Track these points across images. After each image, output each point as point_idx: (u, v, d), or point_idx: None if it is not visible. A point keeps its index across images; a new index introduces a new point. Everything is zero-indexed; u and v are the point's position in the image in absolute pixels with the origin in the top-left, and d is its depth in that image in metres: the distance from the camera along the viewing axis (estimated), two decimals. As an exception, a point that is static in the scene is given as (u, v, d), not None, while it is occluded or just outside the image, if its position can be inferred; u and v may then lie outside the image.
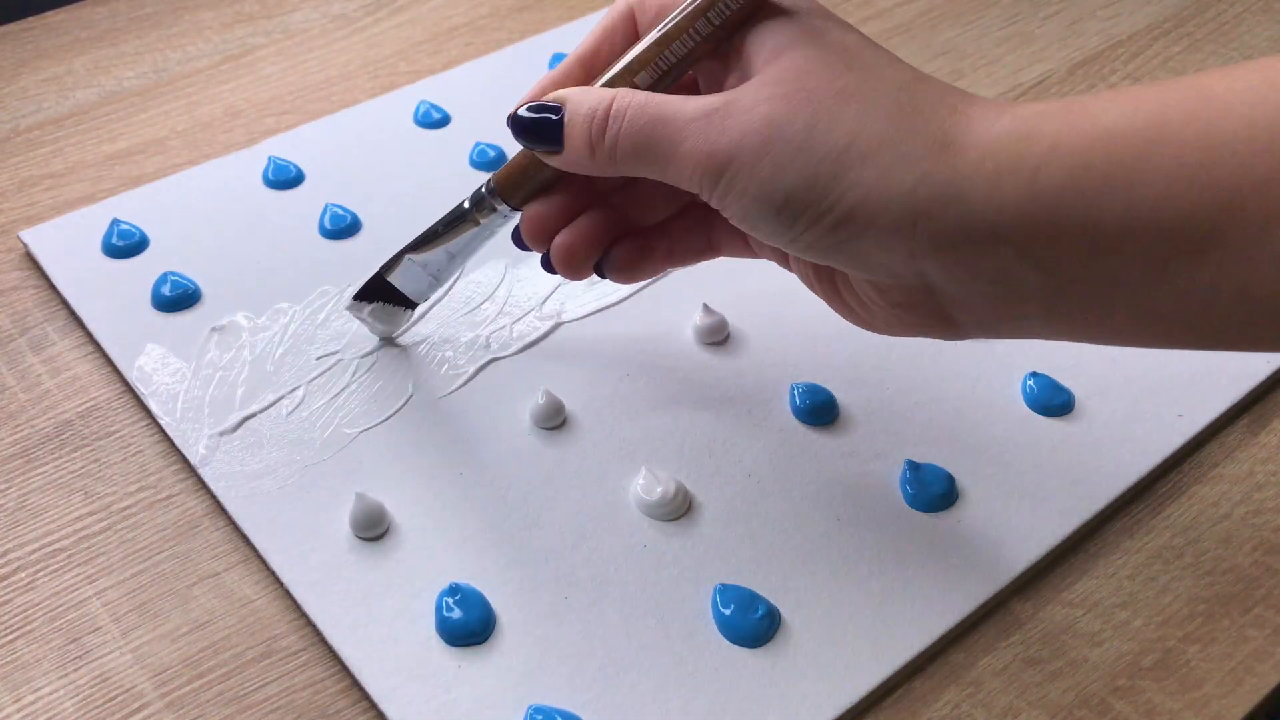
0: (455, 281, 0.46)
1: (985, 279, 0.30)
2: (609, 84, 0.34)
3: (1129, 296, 0.29)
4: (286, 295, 0.46)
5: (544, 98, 0.35)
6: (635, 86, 0.34)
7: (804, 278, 0.36)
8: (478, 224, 0.39)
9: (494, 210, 0.38)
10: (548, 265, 0.38)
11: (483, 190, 0.38)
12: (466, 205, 0.39)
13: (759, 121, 0.31)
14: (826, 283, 0.35)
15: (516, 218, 0.38)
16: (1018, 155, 0.29)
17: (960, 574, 0.37)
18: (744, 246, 0.38)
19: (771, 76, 0.31)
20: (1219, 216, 0.27)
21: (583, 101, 0.34)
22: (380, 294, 0.43)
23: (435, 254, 0.41)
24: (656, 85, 0.34)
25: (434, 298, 0.45)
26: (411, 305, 0.43)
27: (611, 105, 0.33)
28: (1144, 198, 0.27)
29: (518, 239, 0.38)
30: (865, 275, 0.32)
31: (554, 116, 0.34)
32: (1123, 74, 0.60)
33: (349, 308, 0.44)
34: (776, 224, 0.31)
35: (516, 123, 0.35)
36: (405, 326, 0.44)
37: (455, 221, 0.40)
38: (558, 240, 0.37)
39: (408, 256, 0.42)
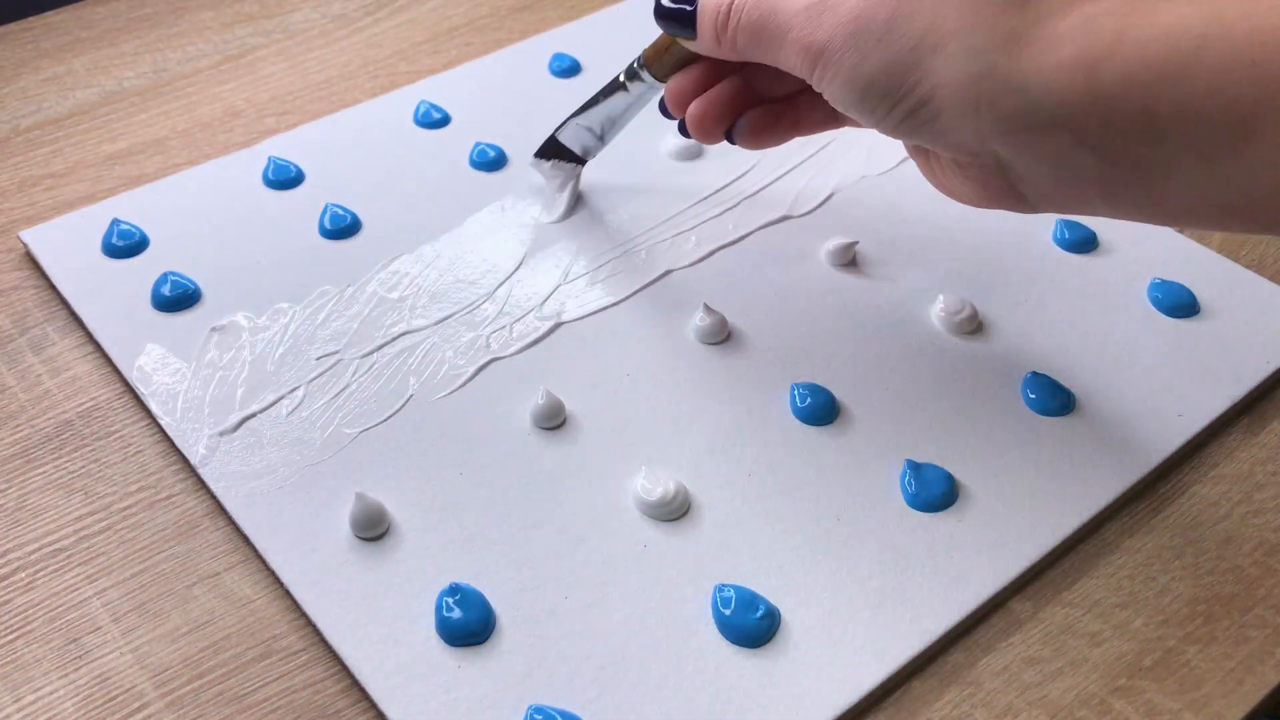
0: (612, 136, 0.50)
1: (1048, 161, 0.33)
2: None
3: (1180, 182, 0.31)
4: (286, 295, 0.46)
5: None
6: None
7: (906, 148, 0.40)
8: (628, 91, 0.46)
9: (641, 80, 0.45)
10: (683, 130, 0.43)
11: (634, 64, 0.45)
12: (621, 77, 0.46)
13: (848, 15, 0.34)
14: (921, 156, 0.38)
15: (660, 88, 0.44)
16: (1079, 50, 0.31)
17: (960, 574, 0.37)
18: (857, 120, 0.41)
19: None
20: (1259, 109, 0.29)
21: None
22: (555, 152, 0.50)
23: (598, 117, 0.48)
24: None
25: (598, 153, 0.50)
26: (581, 161, 0.50)
27: (733, 1, 0.37)
28: (1193, 91, 0.29)
29: (663, 108, 0.44)
30: (946, 152, 0.36)
31: (689, 8, 0.39)
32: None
33: (532, 164, 0.51)
34: (862, 107, 0.35)
35: (659, 11, 0.41)
36: (566, 204, 0.50)
37: (610, 90, 0.47)
38: (692, 108, 0.42)
39: (574, 120, 0.49)
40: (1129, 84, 0.30)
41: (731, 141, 0.43)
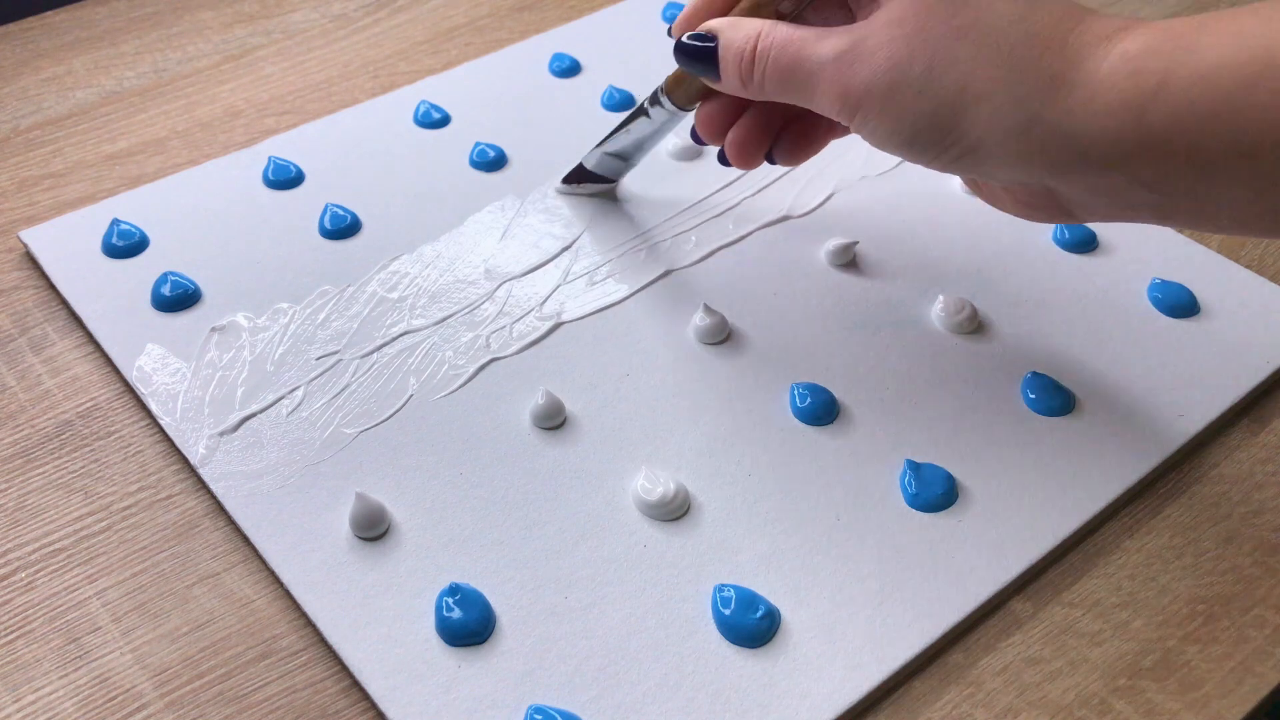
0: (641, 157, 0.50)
1: (1100, 194, 0.33)
2: (753, 9, 0.39)
3: (1233, 208, 0.32)
4: (286, 295, 0.46)
5: (699, 28, 0.39)
6: (779, 11, 0.39)
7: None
8: (650, 117, 0.45)
9: (663, 107, 0.44)
10: (723, 159, 0.43)
11: (657, 91, 0.44)
12: (645, 104, 0.45)
13: (883, 65, 0.34)
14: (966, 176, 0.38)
15: (683, 116, 0.44)
16: (1125, 94, 0.31)
17: (960, 574, 0.37)
18: None
19: (895, 14, 0.34)
20: None
21: (732, 40, 0.38)
22: (583, 178, 0.51)
23: (623, 144, 0.48)
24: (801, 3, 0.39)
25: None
26: (610, 182, 0.51)
27: (756, 45, 0.37)
28: (1245, 129, 0.30)
29: (695, 136, 0.43)
30: (994, 183, 0.36)
31: (710, 45, 0.39)
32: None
33: (559, 190, 0.51)
34: (909, 153, 0.35)
35: (678, 48, 0.40)
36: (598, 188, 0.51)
37: (636, 116, 0.46)
38: (730, 136, 0.42)
39: (600, 149, 0.49)
40: (1178, 124, 0.30)
41: (772, 162, 0.42)
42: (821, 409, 0.42)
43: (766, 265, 0.48)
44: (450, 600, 0.36)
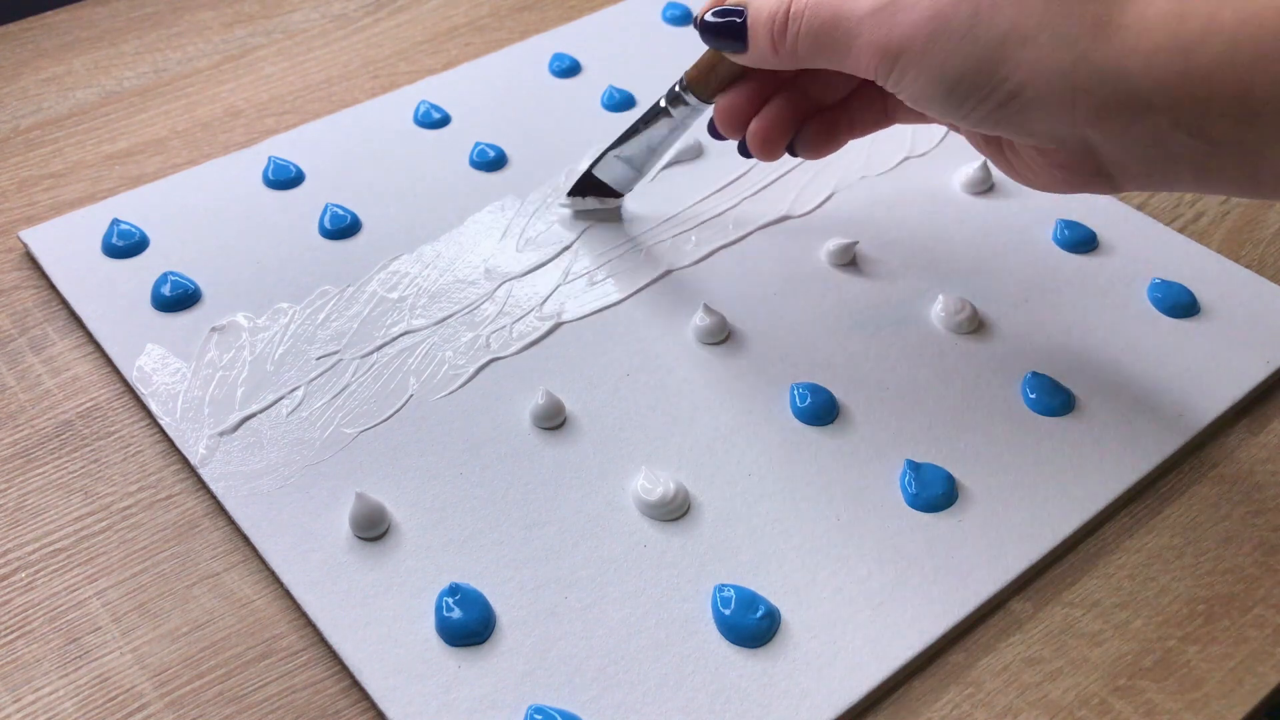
0: (657, 172, 0.51)
1: (1141, 143, 0.33)
2: None
3: (1274, 158, 0.31)
4: (286, 295, 0.46)
5: (726, 2, 0.39)
6: None
7: (972, 141, 0.39)
8: (671, 116, 0.44)
9: (685, 104, 0.43)
10: (744, 151, 0.42)
11: (676, 87, 0.43)
12: (662, 103, 0.44)
13: (926, 14, 0.34)
14: (993, 147, 0.38)
15: (705, 110, 0.43)
16: (1172, 35, 0.31)
17: (960, 574, 0.37)
18: (917, 115, 0.41)
19: None
20: None
21: (763, 6, 0.37)
22: (590, 189, 0.49)
23: (636, 148, 0.46)
24: None
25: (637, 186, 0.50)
26: (618, 195, 0.49)
27: (790, 6, 0.37)
28: None
29: (713, 130, 0.43)
30: (1031, 142, 0.35)
31: (738, 20, 0.38)
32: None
33: (564, 204, 0.50)
34: (946, 105, 0.35)
35: (704, 26, 0.39)
36: (604, 207, 0.50)
37: (652, 117, 0.45)
38: (752, 127, 0.41)
39: (611, 153, 0.47)
40: (1225, 66, 0.30)
41: (793, 154, 0.42)
42: (821, 409, 0.42)
43: (766, 265, 0.48)
44: (450, 600, 0.36)
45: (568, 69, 0.58)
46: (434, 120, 0.55)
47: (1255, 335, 0.45)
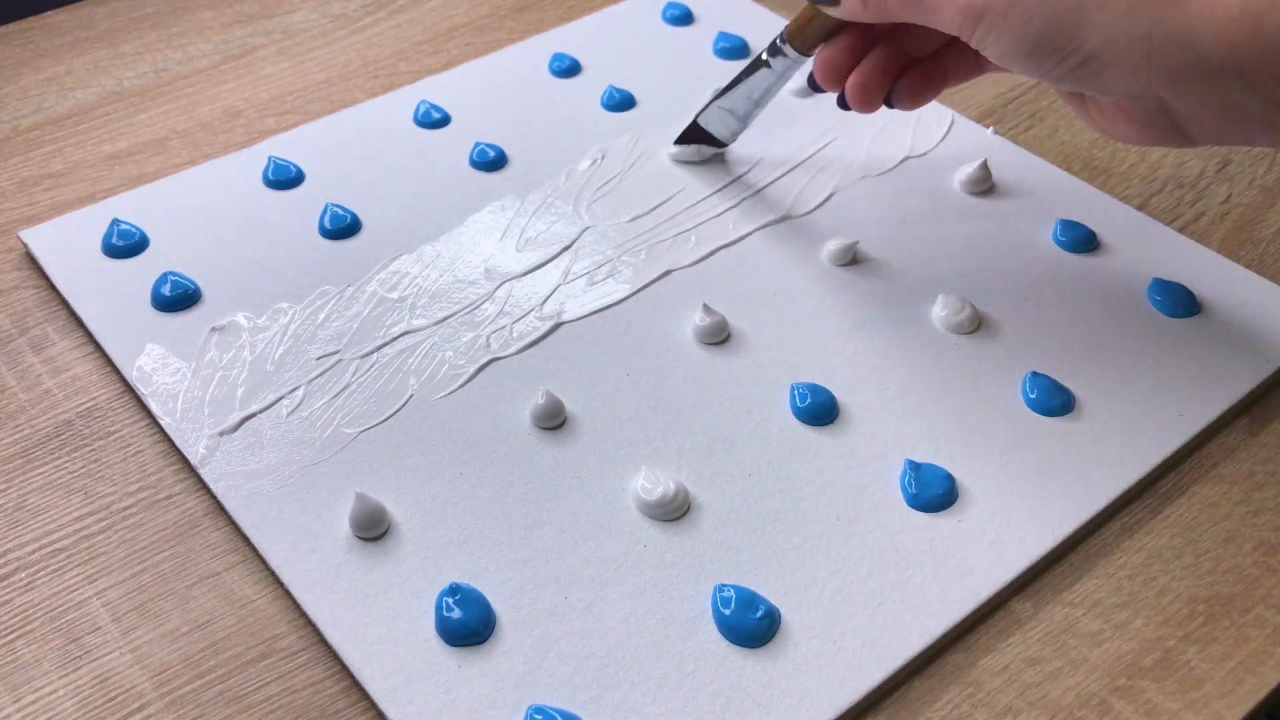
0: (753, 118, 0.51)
1: (1214, 104, 0.34)
2: None
3: None
4: (286, 295, 0.46)
5: None
6: None
7: (1059, 94, 0.41)
8: (770, 68, 0.46)
9: (785, 56, 0.46)
10: (842, 103, 0.44)
11: (776, 40, 0.46)
12: (763, 55, 0.46)
13: None
14: (1076, 100, 0.40)
15: (804, 63, 0.46)
16: (1243, 2, 0.32)
17: (960, 574, 0.37)
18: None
19: None
20: None
21: None
22: (696, 138, 0.51)
23: (737, 99, 0.49)
24: None
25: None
26: (722, 145, 0.51)
27: None
28: None
29: (812, 82, 0.44)
30: (1109, 98, 0.37)
31: None
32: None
33: (671, 153, 0.52)
34: (1027, 64, 0.37)
35: None
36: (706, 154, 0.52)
37: (753, 69, 0.47)
38: (851, 80, 0.43)
39: (715, 104, 0.50)
40: None
41: (890, 106, 0.44)
42: (821, 409, 0.42)
43: (766, 265, 0.48)
44: (450, 600, 0.36)
45: (568, 69, 0.58)
46: (434, 120, 0.55)
47: (1255, 335, 0.45)
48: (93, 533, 0.39)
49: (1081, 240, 0.48)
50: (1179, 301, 0.46)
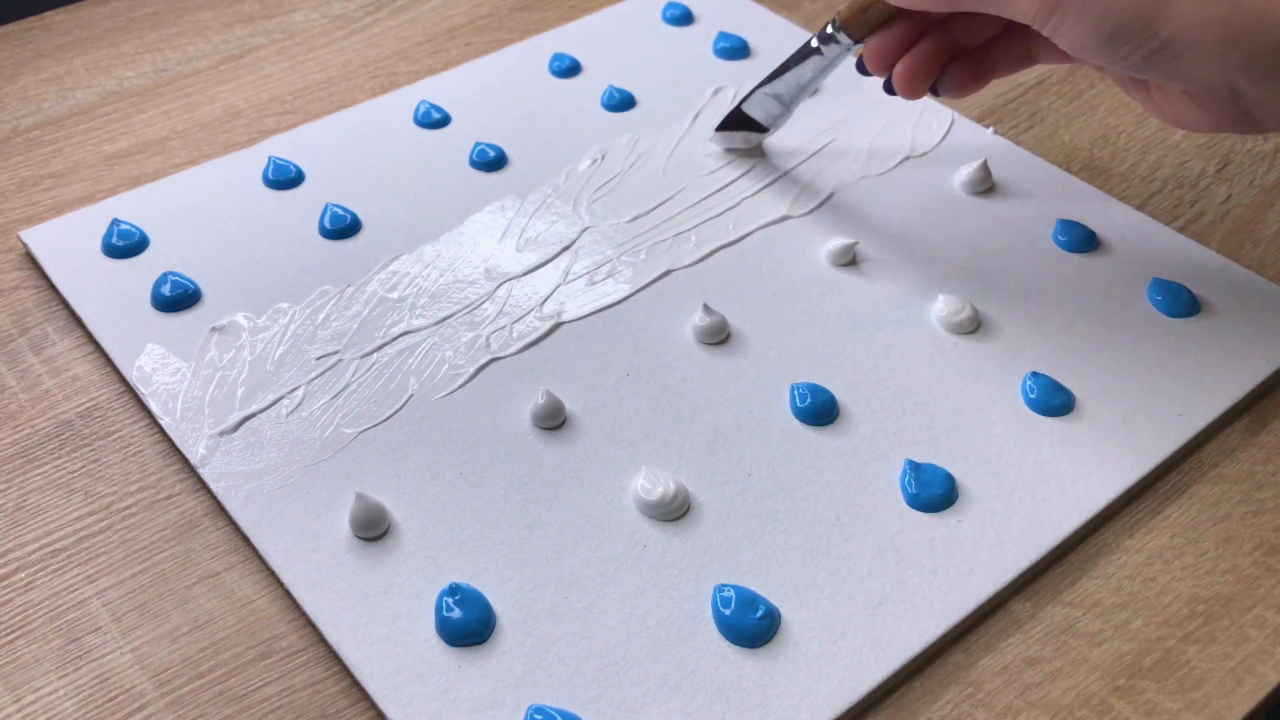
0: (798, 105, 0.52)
1: None
2: None
3: None
4: (286, 295, 0.46)
5: None
6: None
7: (1118, 82, 0.41)
8: (822, 55, 0.47)
9: (837, 43, 0.46)
10: (889, 89, 0.45)
11: (828, 28, 0.46)
12: (814, 43, 0.47)
13: None
14: (1139, 87, 0.40)
15: (854, 49, 0.46)
16: None
17: (960, 574, 0.37)
18: (1061, 55, 0.43)
19: None
20: None
21: None
22: (739, 124, 0.51)
23: (785, 85, 0.49)
24: None
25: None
26: (764, 130, 0.51)
27: None
28: None
29: (861, 67, 0.45)
30: (1180, 86, 0.37)
31: None
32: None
33: (713, 138, 0.53)
34: (1103, 51, 0.37)
35: None
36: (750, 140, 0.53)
37: (802, 56, 0.48)
38: (899, 67, 0.44)
39: (761, 90, 0.50)
40: None
41: (935, 94, 0.44)
42: (821, 409, 0.42)
43: (766, 265, 0.48)
44: (450, 600, 0.36)
45: (568, 69, 0.58)
46: (434, 120, 0.55)
47: (1255, 335, 0.45)
48: (93, 533, 0.39)
49: (1081, 240, 0.48)
50: (1179, 301, 0.46)
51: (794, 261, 0.48)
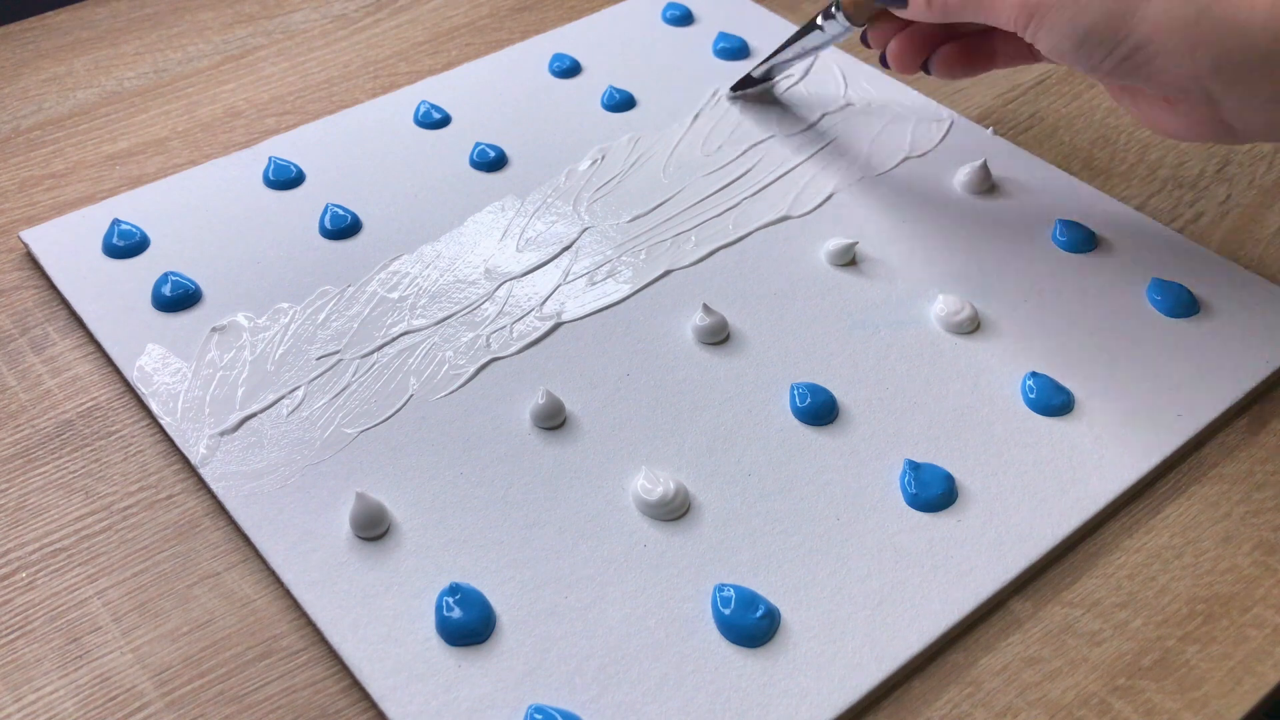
0: (808, 70, 0.58)
1: (1260, 97, 0.36)
2: None
3: None
4: (286, 295, 0.46)
5: None
6: None
7: (1109, 89, 0.42)
8: (823, 31, 0.50)
9: (836, 21, 0.49)
10: (884, 62, 0.47)
11: (831, 8, 0.49)
12: (818, 20, 0.50)
13: None
14: (1127, 94, 0.41)
15: (852, 31, 0.48)
16: None
17: (960, 574, 0.37)
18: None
19: None
20: None
21: None
22: (749, 85, 0.56)
23: (789, 54, 0.53)
24: None
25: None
26: (770, 80, 0.56)
27: None
28: None
29: (865, 40, 0.48)
30: (1157, 91, 0.38)
31: None
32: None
33: (729, 97, 0.57)
34: (1078, 55, 0.38)
35: None
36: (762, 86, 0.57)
37: (806, 30, 0.51)
38: (893, 44, 0.46)
39: (767, 63, 0.54)
40: None
41: (928, 73, 0.46)
42: (821, 409, 0.42)
43: (766, 265, 0.48)
44: (450, 600, 0.36)
45: (568, 69, 0.58)
46: (434, 120, 0.55)
47: (1255, 335, 0.45)
48: (93, 533, 0.39)
49: (1081, 240, 0.48)
50: (1178, 301, 0.46)
51: (794, 261, 0.48)
